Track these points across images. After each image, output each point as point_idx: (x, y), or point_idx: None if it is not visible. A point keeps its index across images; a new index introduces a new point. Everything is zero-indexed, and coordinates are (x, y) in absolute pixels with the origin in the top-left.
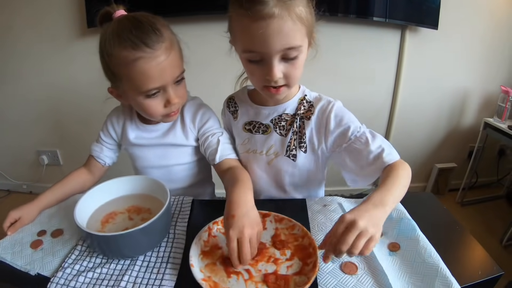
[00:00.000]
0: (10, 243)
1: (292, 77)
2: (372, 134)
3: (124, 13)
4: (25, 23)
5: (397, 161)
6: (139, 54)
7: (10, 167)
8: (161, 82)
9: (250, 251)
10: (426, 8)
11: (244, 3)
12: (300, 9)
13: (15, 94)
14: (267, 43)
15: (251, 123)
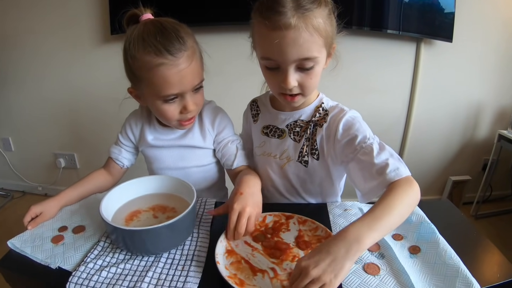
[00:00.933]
0: (30, 237)
1: (307, 87)
2: (380, 146)
3: (151, 17)
4: (48, 28)
5: (403, 179)
6: (161, 60)
7: (26, 168)
8: (180, 89)
9: (246, 228)
10: (440, 21)
11: (263, 12)
12: (318, 20)
13: (35, 97)
14: (282, 53)
15: (268, 127)
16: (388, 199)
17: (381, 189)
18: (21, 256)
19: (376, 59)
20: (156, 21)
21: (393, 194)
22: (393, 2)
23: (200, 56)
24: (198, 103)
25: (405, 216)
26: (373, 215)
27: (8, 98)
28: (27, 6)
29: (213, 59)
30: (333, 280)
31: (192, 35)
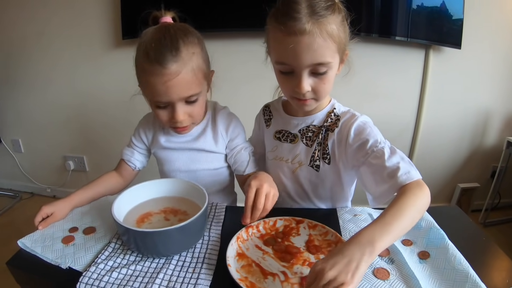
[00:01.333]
0: (40, 237)
1: (320, 92)
2: (391, 150)
3: (169, 21)
4: (60, 32)
5: (413, 182)
6: (151, 68)
7: (35, 170)
8: (167, 99)
9: (265, 206)
10: (448, 27)
11: (279, 18)
12: (332, 27)
13: (46, 99)
14: (297, 57)
15: (280, 131)
16: (400, 203)
17: (392, 192)
18: (31, 255)
19: (384, 66)
20: (165, 27)
21: (404, 198)
22: (402, 9)
23: (199, 68)
24: (193, 114)
25: (416, 219)
26: (384, 219)
27: (18, 100)
28: (40, 10)
29: (225, 64)
30: (350, 279)
31: (195, 47)
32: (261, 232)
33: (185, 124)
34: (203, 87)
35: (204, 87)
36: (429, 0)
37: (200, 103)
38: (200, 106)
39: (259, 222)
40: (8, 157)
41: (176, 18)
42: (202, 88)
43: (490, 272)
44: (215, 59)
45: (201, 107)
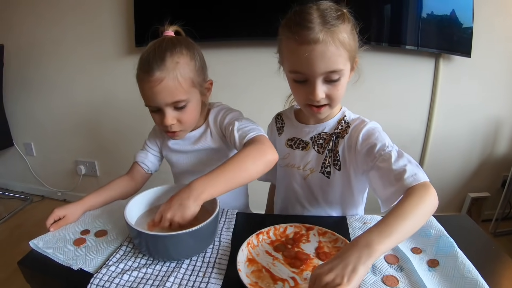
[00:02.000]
0: (52, 238)
1: (334, 98)
2: (399, 153)
3: (170, 34)
4: (75, 39)
5: (419, 184)
6: (142, 76)
7: (47, 174)
8: (154, 103)
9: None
10: (458, 36)
11: (292, 28)
12: (343, 35)
13: (59, 104)
14: (311, 66)
15: (292, 139)
16: (403, 206)
17: (399, 195)
18: (42, 256)
19: (395, 75)
20: (160, 40)
21: (408, 200)
22: (411, 18)
23: (185, 77)
24: (182, 121)
25: (421, 222)
26: (385, 221)
27: (33, 104)
28: (56, 17)
29: (236, 72)
30: (346, 282)
31: (182, 57)
32: (271, 238)
33: (174, 129)
34: (191, 95)
35: (194, 95)
36: (439, 9)
37: (189, 110)
38: (190, 113)
39: (269, 228)
40: (20, 160)
41: (180, 31)
42: (190, 96)
43: (500, 281)
44: (223, 67)
45: (191, 114)
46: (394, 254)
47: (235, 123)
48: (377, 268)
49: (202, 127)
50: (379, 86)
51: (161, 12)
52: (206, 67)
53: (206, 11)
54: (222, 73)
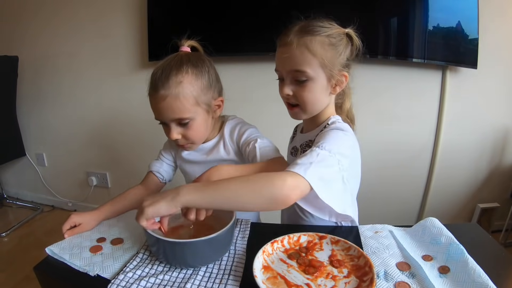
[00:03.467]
0: (68, 245)
1: (302, 99)
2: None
3: (186, 50)
4: (89, 52)
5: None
6: (150, 92)
7: (58, 184)
8: (160, 118)
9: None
10: (465, 48)
11: (279, 35)
12: (313, 43)
13: (72, 116)
14: (280, 64)
15: (293, 147)
16: (240, 178)
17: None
18: (58, 262)
19: (402, 88)
20: (172, 57)
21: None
22: (418, 31)
23: (188, 96)
24: (187, 137)
25: (242, 194)
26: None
27: (46, 116)
28: (70, 30)
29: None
30: (144, 209)
31: (186, 76)
32: (285, 246)
33: (181, 143)
34: (195, 113)
35: (199, 113)
36: (445, 21)
37: (194, 127)
38: (194, 130)
39: (283, 237)
40: (31, 170)
41: (197, 46)
42: (194, 114)
43: (511, 286)
44: (240, 82)
45: (196, 131)
46: (405, 261)
47: (257, 140)
48: (389, 275)
49: (215, 138)
50: (387, 99)
51: (174, 27)
52: (218, 84)
53: (221, 26)
54: (240, 87)
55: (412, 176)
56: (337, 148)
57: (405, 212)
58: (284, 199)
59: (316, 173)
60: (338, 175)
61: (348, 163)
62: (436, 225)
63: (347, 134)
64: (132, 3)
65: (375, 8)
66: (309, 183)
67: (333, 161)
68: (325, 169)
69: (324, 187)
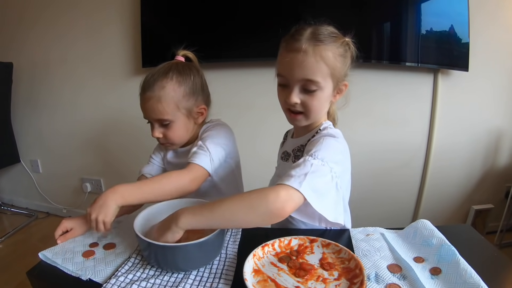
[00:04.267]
0: (61, 250)
1: (309, 108)
2: (308, 163)
3: (180, 59)
4: (83, 58)
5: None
6: (140, 92)
7: (52, 190)
8: (145, 116)
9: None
10: (456, 51)
11: (286, 39)
12: (327, 53)
13: (66, 122)
14: (291, 71)
15: (284, 152)
16: (234, 196)
17: None
18: (51, 267)
19: (395, 91)
20: (164, 64)
21: (244, 193)
22: (411, 35)
23: (169, 99)
24: (167, 137)
25: (239, 213)
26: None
27: (40, 122)
28: (64, 37)
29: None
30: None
31: (170, 82)
32: (276, 250)
33: (161, 141)
34: (175, 116)
35: (179, 117)
36: (438, 25)
37: (174, 129)
38: (174, 131)
39: (274, 240)
40: (26, 177)
41: (190, 56)
42: (174, 117)
43: (503, 286)
44: (228, 87)
45: (176, 132)
46: (396, 263)
47: (199, 143)
48: (380, 277)
49: (194, 142)
50: (381, 102)
51: (167, 34)
52: (203, 92)
53: (212, 32)
54: (228, 92)
55: (406, 179)
56: (330, 156)
57: (400, 215)
58: (279, 213)
59: (310, 184)
60: (331, 183)
61: (340, 170)
62: (427, 227)
63: (338, 140)
64: (125, 10)
65: (368, 13)
66: (303, 195)
67: (326, 170)
68: (319, 179)
69: (318, 198)
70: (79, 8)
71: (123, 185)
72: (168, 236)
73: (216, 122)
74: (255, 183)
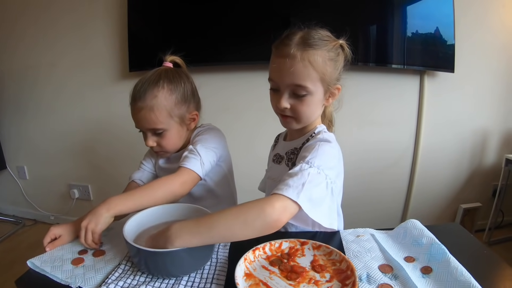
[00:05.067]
0: (50, 258)
1: (298, 112)
2: (304, 172)
3: (168, 65)
4: (70, 63)
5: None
6: (131, 102)
7: (40, 197)
8: (138, 127)
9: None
10: (442, 53)
11: (277, 44)
12: (316, 58)
13: (53, 128)
14: (280, 76)
15: (276, 154)
16: (229, 211)
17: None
18: (40, 275)
19: (382, 94)
20: (153, 72)
21: (238, 206)
22: (397, 37)
23: (161, 108)
24: (161, 145)
25: (236, 229)
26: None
27: (27, 128)
28: (51, 41)
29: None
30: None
31: (161, 91)
32: (267, 253)
33: (155, 150)
34: (169, 125)
35: (172, 125)
36: (423, 28)
37: (167, 137)
38: (168, 139)
39: (265, 244)
40: (12, 184)
41: (178, 62)
42: (168, 125)
43: (493, 282)
44: (221, 91)
45: (169, 140)
46: (387, 263)
47: (190, 147)
48: (372, 278)
49: (186, 147)
50: (368, 104)
51: (155, 38)
52: (194, 98)
53: (201, 36)
54: (221, 97)
55: (395, 179)
56: (326, 163)
57: (389, 216)
58: (275, 225)
59: (307, 195)
60: (326, 191)
61: (335, 175)
62: (417, 227)
63: (333, 146)
64: (112, 13)
65: (355, 16)
66: (299, 205)
67: (322, 178)
68: (315, 188)
69: (313, 206)
70: (66, 12)
71: (114, 197)
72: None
73: (207, 126)
74: (249, 184)
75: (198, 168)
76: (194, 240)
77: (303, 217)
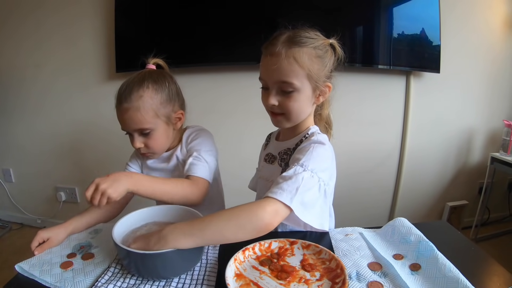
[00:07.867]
0: (38, 262)
1: (287, 109)
2: (297, 175)
3: (151, 67)
4: (56, 63)
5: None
6: (116, 104)
7: (26, 201)
8: (124, 129)
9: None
10: (428, 54)
11: (266, 44)
12: (301, 55)
13: (39, 129)
14: (267, 74)
15: (268, 154)
16: (221, 214)
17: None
18: (29, 280)
19: (368, 94)
20: (137, 74)
21: (234, 208)
22: (383, 38)
23: (148, 109)
24: (148, 146)
25: (229, 232)
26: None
27: (13, 129)
28: (37, 42)
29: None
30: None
31: (147, 91)
32: (257, 253)
33: (143, 151)
34: (155, 124)
35: (159, 125)
36: (409, 29)
37: (155, 137)
38: (155, 139)
39: (254, 244)
40: None
41: (161, 63)
42: (155, 125)
43: (481, 278)
44: (207, 92)
45: (157, 141)
46: (376, 261)
47: (194, 154)
48: (361, 276)
49: (176, 147)
50: (354, 105)
51: (141, 38)
52: (179, 98)
53: (188, 37)
54: (207, 97)
55: (382, 178)
56: (319, 166)
57: (377, 215)
58: (267, 228)
59: (299, 199)
60: (319, 194)
61: (328, 177)
62: (405, 225)
63: (326, 148)
64: (98, 13)
65: (341, 17)
66: (292, 209)
67: (315, 182)
68: (309, 192)
69: (305, 209)
70: (52, 13)
71: (139, 174)
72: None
73: (198, 128)
74: (236, 184)
75: (208, 175)
76: (187, 242)
77: (295, 219)
